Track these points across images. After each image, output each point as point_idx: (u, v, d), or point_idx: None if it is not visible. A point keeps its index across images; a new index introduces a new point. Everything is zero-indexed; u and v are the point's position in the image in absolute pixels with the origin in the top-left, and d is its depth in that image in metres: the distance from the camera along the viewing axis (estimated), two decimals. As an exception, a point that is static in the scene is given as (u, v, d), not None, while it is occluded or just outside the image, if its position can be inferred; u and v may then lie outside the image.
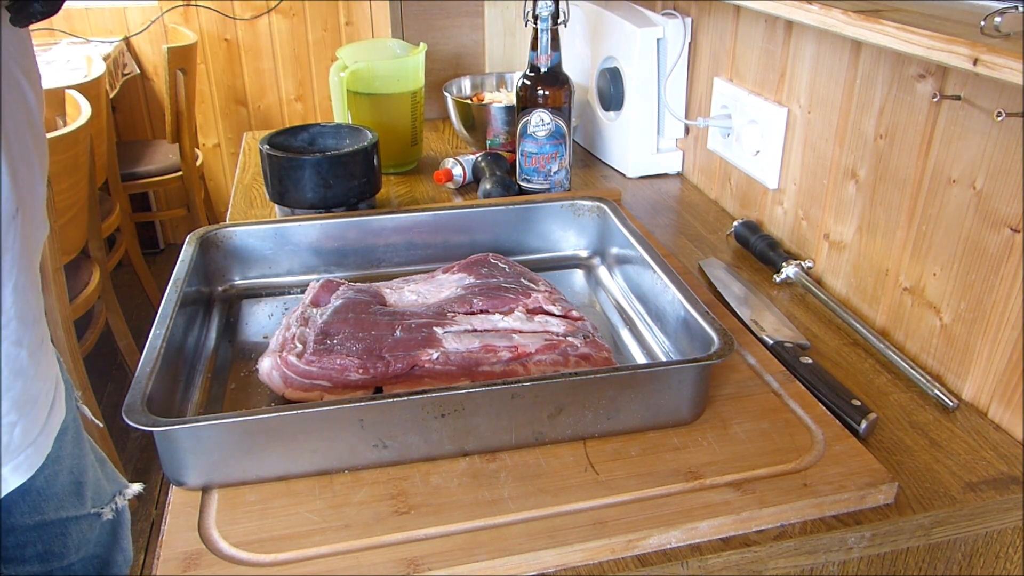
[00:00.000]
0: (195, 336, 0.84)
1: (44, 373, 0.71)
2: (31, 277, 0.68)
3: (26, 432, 0.68)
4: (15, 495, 0.76)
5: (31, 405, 0.69)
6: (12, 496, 0.76)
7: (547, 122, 1.15)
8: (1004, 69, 0.61)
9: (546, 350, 0.76)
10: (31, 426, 0.69)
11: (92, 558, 0.86)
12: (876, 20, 0.74)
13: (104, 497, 0.87)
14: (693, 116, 1.29)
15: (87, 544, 0.85)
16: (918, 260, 0.84)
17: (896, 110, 0.85)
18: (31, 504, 0.78)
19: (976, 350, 0.77)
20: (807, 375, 0.79)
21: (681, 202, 1.27)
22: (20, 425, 0.68)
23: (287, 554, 0.59)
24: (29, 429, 0.69)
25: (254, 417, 0.63)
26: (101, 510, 0.86)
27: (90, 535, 0.84)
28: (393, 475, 0.66)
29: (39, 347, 0.69)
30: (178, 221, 3.25)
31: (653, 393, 0.69)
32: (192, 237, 0.92)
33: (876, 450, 0.72)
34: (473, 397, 0.65)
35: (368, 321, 0.78)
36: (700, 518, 0.62)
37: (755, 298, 0.94)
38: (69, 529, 0.83)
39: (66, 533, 0.83)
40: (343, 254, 0.98)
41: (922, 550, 0.68)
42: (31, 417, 0.69)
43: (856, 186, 0.92)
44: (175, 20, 2.96)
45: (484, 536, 0.60)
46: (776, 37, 1.04)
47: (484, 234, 1.01)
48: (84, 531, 0.85)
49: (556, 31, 1.12)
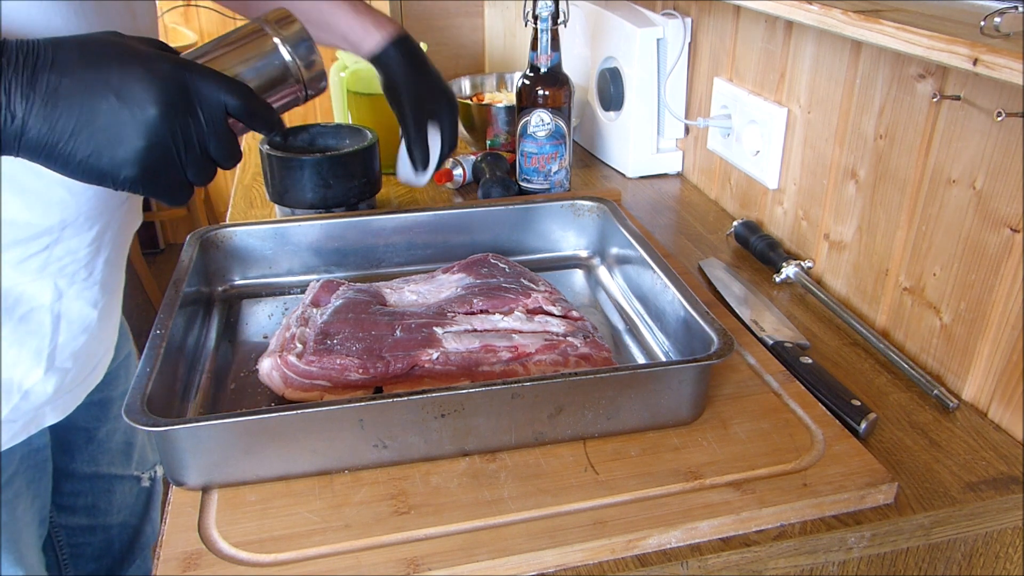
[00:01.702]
0: (195, 336, 0.84)
1: (106, 336, 0.83)
2: (120, 256, 0.81)
3: (75, 380, 0.78)
4: (80, 441, 0.92)
5: (87, 359, 0.79)
6: (77, 442, 0.90)
7: (547, 122, 1.15)
8: (1004, 69, 0.61)
9: (546, 350, 0.76)
10: (81, 380, 0.79)
11: (126, 525, 1.00)
12: (876, 20, 0.74)
13: (146, 464, 1.01)
14: (693, 116, 1.29)
15: (125, 509, 1.00)
16: (918, 260, 0.84)
17: (896, 110, 0.85)
18: (91, 454, 0.92)
19: (976, 350, 0.77)
20: (807, 375, 0.79)
21: (681, 202, 1.27)
22: (72, 373, 0.77)
23: (287, 554, 0.59)
24: (77, 381, 0.79)
25: (254, 417, 0.63)
26: (141, 475, 1.00)
27: (129, 499, 0.99)
28: (393, 475, 0.66)
29: (108, 316, 0.81)
30: (178, 221, 3.24)
31: (653, 393, 0.69)
32: (192, 237, 0.92)
33: (876, 450, 0.72)
34: (473, 397, 0.65)
35: (368, 321, 0.78)
36: (700, 518, 0.62)
37: (755, 298, 0.94)
38: (115, 487, 0.96)
39: (112, 490, 0.96)
40: (343, 254, 0.98)
41: (922, 550, 0.68)
42: (84, 368, 0.79)
43: (856, 186, 0.92)
44: (175, 20, 2.96)
45: (484, 536, 0.60)
46: (776, 37, 1.04)
47: (484, 234, 1.01)
48: (126, 493, 0.99)
49: (556, 31, 1.12)
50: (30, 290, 0.69)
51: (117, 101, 0.53)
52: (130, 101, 0.53)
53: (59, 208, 0.66)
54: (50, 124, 0.52)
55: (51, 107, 0.51)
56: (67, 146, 0.53)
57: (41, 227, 0.66)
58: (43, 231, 0.67)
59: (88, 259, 0.72)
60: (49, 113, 0.51)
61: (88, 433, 0.91)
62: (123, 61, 0.54)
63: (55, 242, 0.68)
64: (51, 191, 0.65)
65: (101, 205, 0.70)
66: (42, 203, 0.65)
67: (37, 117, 0.51)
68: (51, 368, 0.74)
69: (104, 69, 0.53)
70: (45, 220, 0.66)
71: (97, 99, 0.53)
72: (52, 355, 0.73)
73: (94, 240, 0.72)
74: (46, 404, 0.75)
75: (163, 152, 0.55)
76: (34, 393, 0.73)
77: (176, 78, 0.56)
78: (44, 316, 0.72)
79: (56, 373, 0.75)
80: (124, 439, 0.95)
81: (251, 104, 0.59)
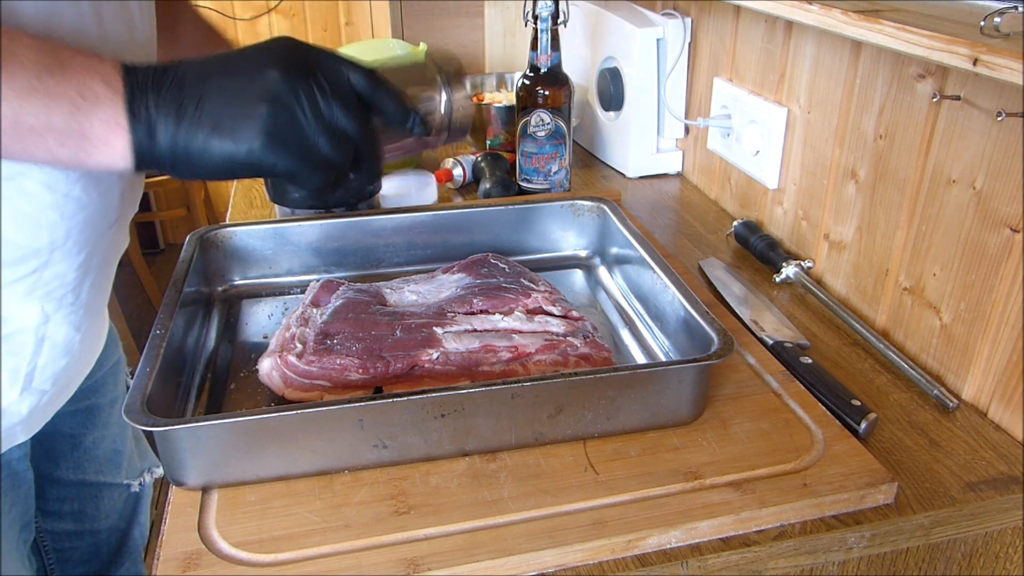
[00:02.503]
0: (195, 336, 0.84)
1: (87, 358, 0.79)
2: (106, 279, 0.77)
3: (51, 401, 0.75)
4: (65, 448, 0.89)
5: (65, 380, 0.76)
6: (62, 449, 0.88)
7: (547, 122, 1.15)
8: (1004, 69, 0.61)
9: (546, 350, 0.76)
10: (55, 399, 0.76)
11: (115, 529, 1.00)
12: (876, 20, 0.74)
13: (135, 471, 0.98)
14: (693, 116, 1.29)
15: (113, 514, 0.99)
16: (918, 260, 0.84)
17: (896, 110, 0.85)
18: (77, 461, 0.89)
19: (976, 350, 0.77)
20: (807, 375, 0.79)
21: (681, 202, 1.27)
22: (48, 395, 0.74)
23: (287, 554, 0.59)
24: (52, 402, 0.76)
25: (254, 417, 0.63)
26: (131, 482, 0.97)
27: (118, 504, 0.97)
28: (393, 475, 0.66)
29: (90, 337, 0.77)
30: (178, 221, 3.24)
31: (653, 393, 0.69)
32: (192, 237, 0.92)
33: (876, 450, 0.72)
34: (473, 397, 0.65)
35: (368, 321, 0.78)
36: (700, 518, 0.62)
37: (755, 298, 0.94)
38: (103, 494, 0.94)
39: (99, 496, 0.94)
40: (343, 254, 0.98)
41: (922, 550, 0.68)
42: (61, 390, 0.77)
43: (856, 186, 0.92)
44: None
45: (484, 536, 0.60)
46: (776, 37, 1.04)
47: (484, 234, 1.01)
48: (115, 500, 0.96)
49: (556, 31, 1.12)
50: (16, 312, 0.68)
51: (239, 72, 0.54)
52: (249, 68, 0.54)
53: (48, 231, 0.65)
54: (176, 113, 0.52)
55: (176, 92, 0.52)
56: (192, 131, 0.52)
57: (30, 249, 0.65)
58: (32, 253, 0.65)
59: (76, 283, 0.70)
60: (174, 100, 0.52)
61: (73, 440, 0.89)
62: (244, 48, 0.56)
63: (43, 266, 0.66)
64: (43, 215, 0.63)
65: (90, 229, 0.68)
66: (33, 225, 0.64)
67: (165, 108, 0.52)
68: (27, 389, 0.71)
69: (228, 56, 0.55)
70: (35, 242, 0.64)
71: (217, 74, 0.53)
72: (30, 376, 0.71)
73: (82, 264, 0.70)
74: (18, 424, 0.73)
75: (288, 116, 0.54)
76: (7, 413, 0.71)
77: (295, 45, 0.56)
78: (28, 338, 0.69)
79: (33, 394, 0.72)
80: (112, 447, 0.92)
81: (374, 82, 0.58)
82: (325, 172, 0.58)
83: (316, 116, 0.55)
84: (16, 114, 0.49)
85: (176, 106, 0.52)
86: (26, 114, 0.49)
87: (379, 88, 0.59)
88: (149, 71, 0.53)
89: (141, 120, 0.52)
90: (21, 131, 0.50)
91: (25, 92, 0.49)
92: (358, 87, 0.58)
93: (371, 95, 0.59)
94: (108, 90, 0.51)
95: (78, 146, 0.52)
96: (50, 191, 0.63)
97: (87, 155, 0.52)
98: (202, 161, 0.54)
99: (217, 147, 0.53)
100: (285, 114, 0.54)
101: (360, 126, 0.58)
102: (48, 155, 0.52)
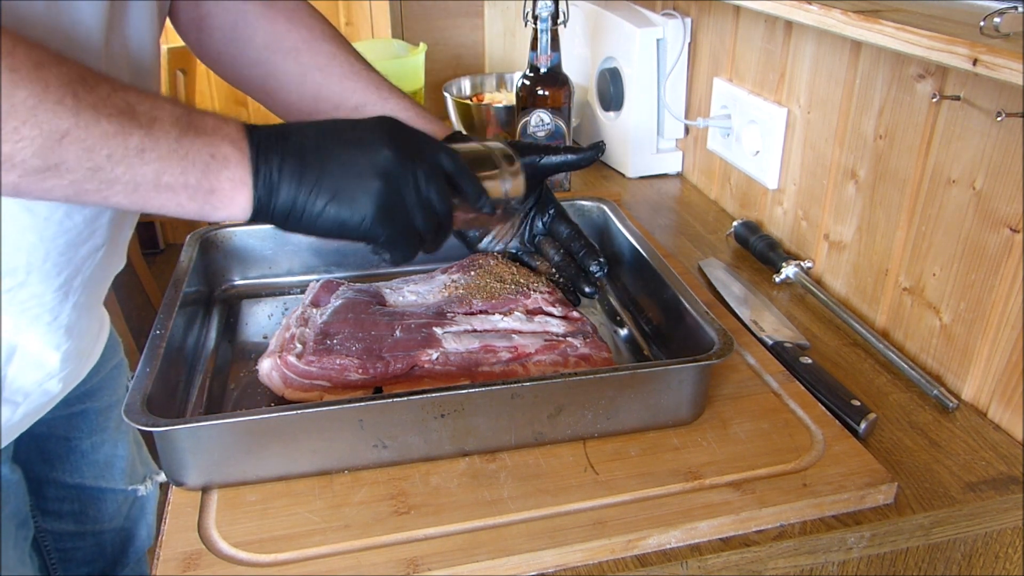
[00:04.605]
0: (195, 336, 0.84)
1: (72, 379, 0.78)
2: (95, 299, 0.77)
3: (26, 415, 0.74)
4: (60, 451, 0.89)
5: (40, 396, 0.74)
6: (57, 452, 0.88)
7: (547, 122, 1.15)
8: (1004, 69, 0.61)
9: (546, 350, 0.76)
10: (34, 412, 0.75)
11: (121, 530, 1.00)
12: (876, 20, 0.74)
13: (138, 476, 0.98)
14: (693, 116, 1.29)
15: (118, 516, 0.97)
16: (918, 260, 0.84)
17: (896, 110, 0.85)
18: (74, 464, 0.89)
19: (976, 350, 0.77)
20: (807, 375, 0.79)
21: (681, 202, 1.27)
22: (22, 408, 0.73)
23: (287, 554, 0.59)
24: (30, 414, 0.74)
25: (254, 417, 0.63)
26: (138, 487, 0.97)
27: (123, 508, 0.99)
28: (393, 475, 0.66)
29: (73, 358, 0.75)
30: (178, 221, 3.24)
31: (653, 393, 0.69)
32: (192, 237, 0.92)
33: (876, 450, 0.72)
34: (473, 397, 0.65)
35: (368, 321, 0.78)
36: (700, 518, 0.62)
37: (755, 298, 0.94)
38: (105, 497, 0.94)
39: (101, 500, 0.94)
40: (343, 254, 0.98)
41: (922, 550, 0.68)
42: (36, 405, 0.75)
43: (856, 186, 0.93)
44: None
45: (484, 536, 0.60)
46: (776, 37, 1.04)
47: (484, 234, 1.01)
48: (118, 503, 0.96)
49: (556, 31, 1.12)
50: None
51: (355, 147, 0.59)
52: (366, 147, 0.60)
53: (26, 252, 0.64)
54: (298, 177, 0.57)
55: (298, 159, 0.57)
56: (313, 196, 0.58)
57: (5, 267, 0.64)
58: (7, 272, 0.65)
59: (55, 303, 0.70)
60: (296, 165, 0.57)
61: (68, 443, 0.88)
62: (353, 122, 0.61)
63: (19, 286, 0.66)
64: (21, 236, 0.63)
65: (72, 251, 0.68)
66: (11, 245, 0.63)
67: (287, 172, 0.57)
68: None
69: (339, 127, 0.61)
70: (11, 261, 0.64)
71: (337, 147, 0.59)
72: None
73: (61, 286, 0.69)
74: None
75: (396, 193, 0.60)
76: None
77: (404, 130, 0.63)
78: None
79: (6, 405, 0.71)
80: (111, 451, 0.92)
81: (461, 167, 0.65)
82: (416, 243, 0.64)
83: (417, 194, 0.62)
84: (158, 175, 0.53)
85: (299, 172, 0.58)
86: (166, 174, 0.54)
87: (463, 173, 0.66)
88: (271, 134, 0.58)
89: (264, 181, 0.57)
90: (160, 188, 0.54)
91: (167, 154, 0.53)
92: (447, 169, 0.64)
93: (456, 178, 0.65)
94: (236, 151, 0.56)
95: (205, 200, 0.56)
96: (30, 213, 0.63)
97: (212, 209, 0.57)
98: (315, 222, 0.59)
99: (333, 213, 0.59)
100: (395, 191, 0.60)
101: (449, 206, 0.64)
102: (178, 208, 0.56)
